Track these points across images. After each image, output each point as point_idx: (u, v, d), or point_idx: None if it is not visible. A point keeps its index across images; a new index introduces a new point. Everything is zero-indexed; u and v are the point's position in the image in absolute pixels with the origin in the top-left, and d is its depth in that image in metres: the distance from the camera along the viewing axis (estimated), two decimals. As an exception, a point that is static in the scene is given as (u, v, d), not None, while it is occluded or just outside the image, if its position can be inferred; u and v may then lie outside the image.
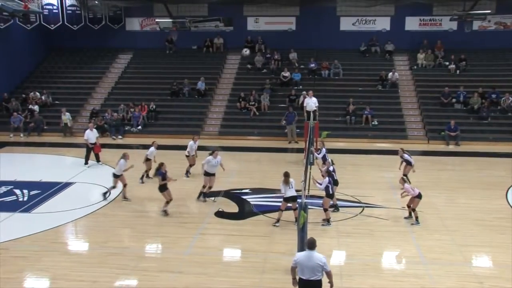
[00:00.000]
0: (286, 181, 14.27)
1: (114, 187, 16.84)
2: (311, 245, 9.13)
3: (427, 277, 11.52)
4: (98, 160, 21.31)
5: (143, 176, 18.73)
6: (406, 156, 17.91)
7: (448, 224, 14.62)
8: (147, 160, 18.80)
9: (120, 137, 26.80)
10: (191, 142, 19.42)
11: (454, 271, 11.84)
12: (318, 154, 17.86)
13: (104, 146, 23.25)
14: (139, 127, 27.54)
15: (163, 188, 15.23)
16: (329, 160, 16.50)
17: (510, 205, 16.27)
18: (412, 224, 14.48)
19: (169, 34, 32.34)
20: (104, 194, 16.89)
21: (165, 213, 15.27)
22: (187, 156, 19.34)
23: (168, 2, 30.27)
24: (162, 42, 33.30)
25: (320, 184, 14.40)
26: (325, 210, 14.54)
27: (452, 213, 15.57)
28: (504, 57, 31.03)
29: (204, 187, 16.58)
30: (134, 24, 34.27)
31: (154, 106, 28.47)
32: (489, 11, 28.65)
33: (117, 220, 15.08)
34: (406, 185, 14.71)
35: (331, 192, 14.51)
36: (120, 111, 28.00)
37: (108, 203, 16.47)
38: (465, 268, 12.03)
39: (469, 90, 27.85)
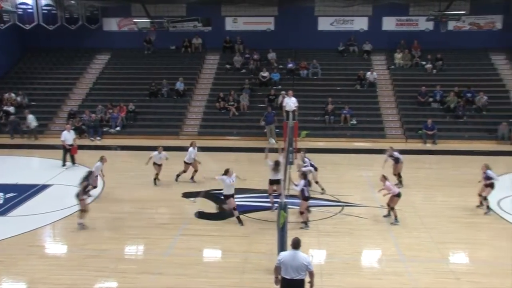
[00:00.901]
0: (276, 169, 14.82)
1: (95, 186, 16.90)
2: (296, 244, 9.17)
3: (406, 275, 11.66)
4: (73, 162, 21.07)
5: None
6: (396, 154, 17.99)
7: (426, 222, 14.81)
8: (187, 163, 18.47)
9: (98, 138, 26.55)
10: (190, 149, 18.62)
11: (432, 268, 12.00)
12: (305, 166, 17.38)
13: (82, 147, 23.03)
14: (118, 128, 27.31)
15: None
16: (301, 163, 16.30)
17: (486, 202, 16.53)
18: (392, 223, 14.59)
19: (147, 34, 32.15)
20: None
21: (82, 226, 14.28)
22: (186, 163, 18.60)
23: (145, 2, 30.04)
24: (140, 42, 33.07)
25: (297, 186, 14.41)
26: (301, 213, 14.51)
27: (430, 211, 15.76)
28: (478, 57, 31.53)
29: (233, 209, 14.88)
30: (111, 24, 33.97)
31: (133, 107, 28.27)
32: (463, 12, 29.07)
33: (96, 222, 14.90)
34: (387, 183, 14.76)
35: (306, 195, 14.39)
36: (98, 112, 27.74)
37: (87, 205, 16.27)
38: (442, 265, 12.21)
39: (446, 89, 28.23)
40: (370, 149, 24.43)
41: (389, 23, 32.53)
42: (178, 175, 18.72)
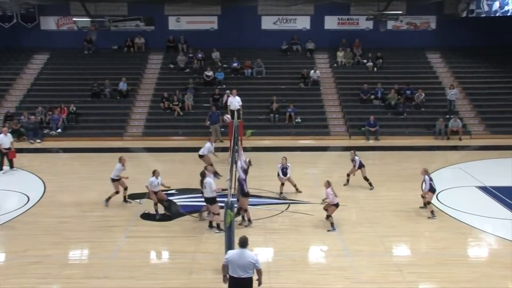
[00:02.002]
0: (202, 182, 14.28)
1: (116, 192, 16.19)
2: (243, 243, 9.21)
3: (351, 269, 11.94)
4: (11, 166, 20.29)
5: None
6: (356, 158, 17.95)
7: (370, 217, 15.19)
8: (201, 156, 18.96)
9: (38, 141, 25.67)
10: (207, 144, 19.36)
11: (376, 261, 12.35)
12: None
13: (21, 150, 22.30)
14: (59, 130, 26.50)
15: None
16: (247, 160, 16.13)
17: (425, 196, 17.15)
18: (329, 230, 14.21)
19: (88, 33, 31.39)
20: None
21: None
22: (200, 156, 19.08)
23: (85, 0, 29.31)
24: (81, 42, 32.24)
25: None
26: (245, 210, 14.44)
27: (373, 206, 16.17)
28: (415, 56, 32.67)
29: (204, 211, 14.89)
30: (49, 23, 32.90)
31: (74, 108, 27.51)
32: (400, 12, 30.11)
33: (38, 228, 14.45)
34: (329, 190, 14.31)
35: (246, 191, 14.33)
36: (37, 113, 26.82)
37: (28, 210, 15.73)
38: (386, 258, 12.59)
39: (386, 87, 29.05)
40: (315, 147, 24.81)
41: (331, 22, 33.11)
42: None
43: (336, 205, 14.32)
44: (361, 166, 17.92)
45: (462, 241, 13.68)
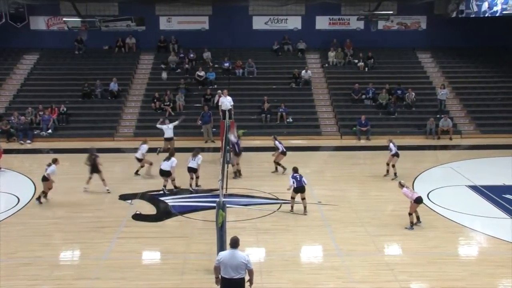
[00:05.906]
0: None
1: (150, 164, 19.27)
2: (235, 243, 9.21)
3: (343, 268, 11.96)
4: None
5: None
6: (277, 143, 19.18)
7: (362, 216, 15.22)
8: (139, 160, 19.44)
9: (28, 141, 25.51)
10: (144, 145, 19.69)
11: (368, 260, 12.38)
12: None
13: (11, 151, 22.19)
14: (49, 130, 26.36)
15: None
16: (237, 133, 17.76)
17: (416, 195, 17.21)
18: (406, 228, 14.25)
19: (78, 34, 31.21)
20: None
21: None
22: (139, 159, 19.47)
23: (75, 0, 29.15)
24: (71, 42, 32.07)
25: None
26: (237, 164, 17.44)
27: (365, 205, 16.21)
28: (406, 55, 32.84)
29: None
30: (39, 23, 32.68)
31: (65, 109, 27.35)
32: (391, 12, 30.27)
33: (28, 229, 14.35)
34: (405, 189, 14.49)
35: (237, 151, 17.46)
36: (28, 114, 26.66)
37: (18, 211, 15.63)
38: (377, 257, 12.62)
39: (377, 87, 29.14)
40: (307, 147, 24.84)
41: (322, 22, 33.16)
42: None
43: (417, 201, 14.16)
44: (282, 152, 19.23)
45: (452, 240, 13.74)
